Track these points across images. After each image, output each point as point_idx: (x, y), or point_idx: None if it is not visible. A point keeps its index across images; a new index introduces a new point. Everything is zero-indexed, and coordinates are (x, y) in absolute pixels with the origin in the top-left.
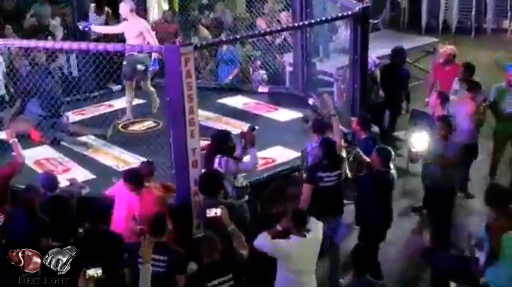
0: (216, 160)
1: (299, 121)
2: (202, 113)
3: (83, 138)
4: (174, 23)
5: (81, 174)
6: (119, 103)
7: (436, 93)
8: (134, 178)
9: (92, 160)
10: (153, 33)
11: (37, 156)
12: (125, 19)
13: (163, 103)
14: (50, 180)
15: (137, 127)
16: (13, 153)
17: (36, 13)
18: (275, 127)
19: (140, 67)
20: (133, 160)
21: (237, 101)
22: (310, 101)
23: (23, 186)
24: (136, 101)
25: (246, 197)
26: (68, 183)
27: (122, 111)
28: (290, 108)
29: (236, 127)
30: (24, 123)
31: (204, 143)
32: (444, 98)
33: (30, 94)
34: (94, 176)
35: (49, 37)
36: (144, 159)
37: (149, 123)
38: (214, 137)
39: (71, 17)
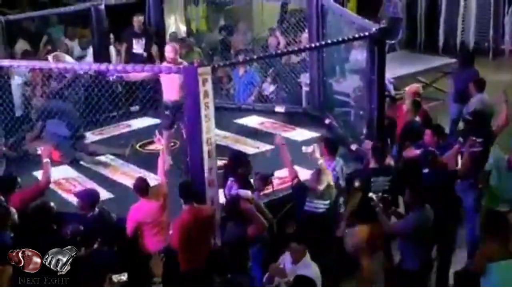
0: (228, 182)
1: (316, 141)
2: (218, 133)
3: (101, 158)
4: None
5: (100, 194)
6: (137, 124)
7: None
8: (186, 192)
9: (110, 179)
10: None
11: (56, 176)
12: (168, 62)
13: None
14: (93, 197)
15: (154, 147)
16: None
17: (52, 38)
18: (292, 146)
19: None
20: (151, 180)
21: (254, 121)
22: (327, 121)
23: None
24: (154, 121)
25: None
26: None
27: None
28: (307, 127)
29: (253, 146)
30: (44, 142)
31: (221, 162)
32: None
33: (49, 116)
34: (112, 196)
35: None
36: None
37: None
38: (232, 158)
39: (91, 39)
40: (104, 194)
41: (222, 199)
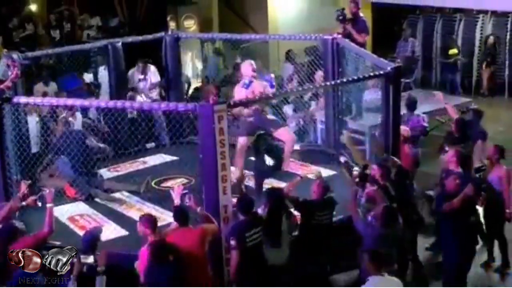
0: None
1: (331, 178)
2: (233, 170)
3: (117, 195)
4: None
5: (114, 231)
6: (152, 160)
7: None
8: (182, 218)
9: (125, 216)
10: None
11: (71, 212)
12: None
13: (197, 160)
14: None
15: (170, 184)
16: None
17: None
18: (307, 184)
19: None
20: (166, 217)
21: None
22: (342, 159)
23: (58, 243)
24: (171, 158)
25: None
26: None
27: None
28: (322, 165)
29: (267, 184)
30: (59, 179)
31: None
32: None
33: (61, 152)
34: (126, 233)
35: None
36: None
37: (182, 180)
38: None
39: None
40: (119, 231)
41: None
